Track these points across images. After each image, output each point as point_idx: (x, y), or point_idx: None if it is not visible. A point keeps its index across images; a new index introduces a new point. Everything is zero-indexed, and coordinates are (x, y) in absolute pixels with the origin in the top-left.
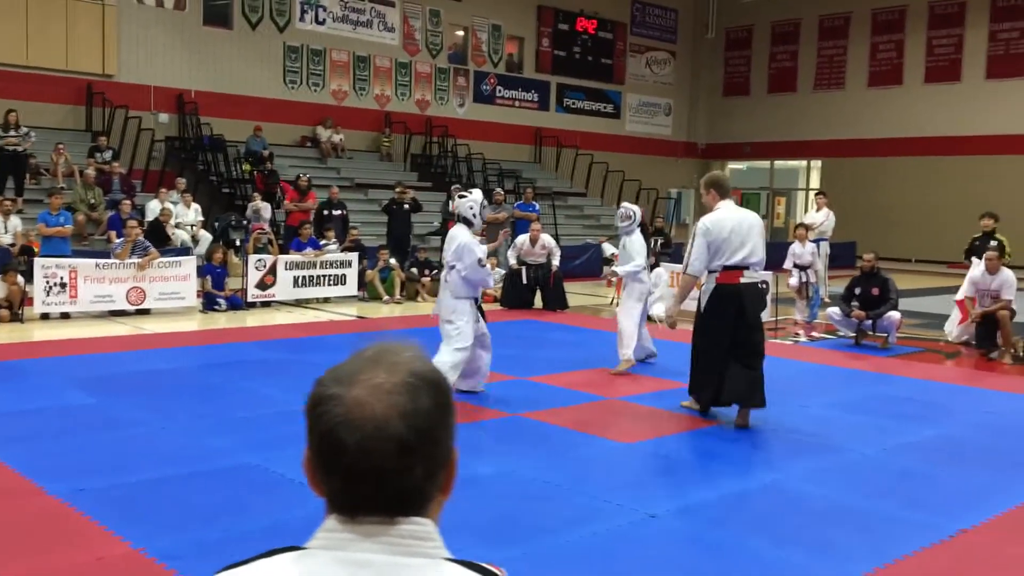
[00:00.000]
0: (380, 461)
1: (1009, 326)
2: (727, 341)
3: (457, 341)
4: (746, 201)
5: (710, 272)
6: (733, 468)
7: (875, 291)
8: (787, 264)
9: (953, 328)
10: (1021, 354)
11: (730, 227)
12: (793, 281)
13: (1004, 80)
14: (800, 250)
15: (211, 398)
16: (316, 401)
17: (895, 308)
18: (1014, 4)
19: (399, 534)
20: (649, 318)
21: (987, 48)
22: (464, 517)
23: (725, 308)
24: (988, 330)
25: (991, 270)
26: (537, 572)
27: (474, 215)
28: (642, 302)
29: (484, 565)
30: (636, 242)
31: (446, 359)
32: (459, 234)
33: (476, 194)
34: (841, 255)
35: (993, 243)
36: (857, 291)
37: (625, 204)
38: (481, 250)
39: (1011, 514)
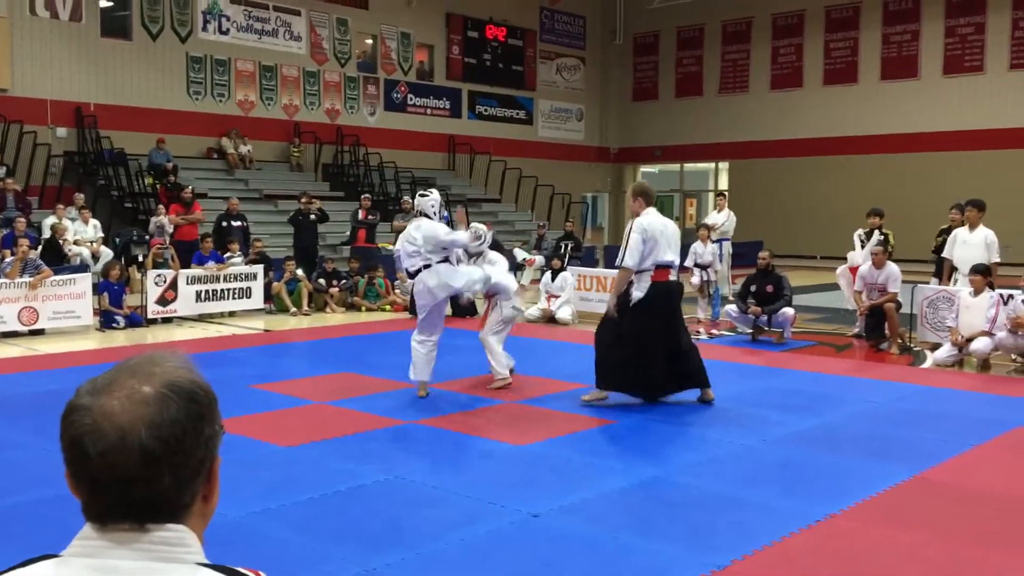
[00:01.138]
0: (124, 471)
1: (895, 318)
2: (664, 333)
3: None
4: (659, 204)
5: (643, 271)
6: (617, 465)
7: (769, 288)
8: (688, 263)
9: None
10: (908, 344)
11: (660, 230)
12: (695, 280)
13: (898, 81)
14: (701, 250)
15: None
16: (68, 410)
17: (789, 304)
18: (905, 8)
19: (150, 540)
20: (553, 319)
21: (881, 51)
22: (349, 524)
23: (661, 303)
24: (876, 322)
25: (877, 264)
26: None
27: (434, 212)
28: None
29: (240, 570)
30: (498, 256)
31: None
32: (425, 223)
33: (435, 194)
34: (747, 254)
35: (879, 238)
36: (753, 288)
37: (476, 224)
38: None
39: (878, 498)
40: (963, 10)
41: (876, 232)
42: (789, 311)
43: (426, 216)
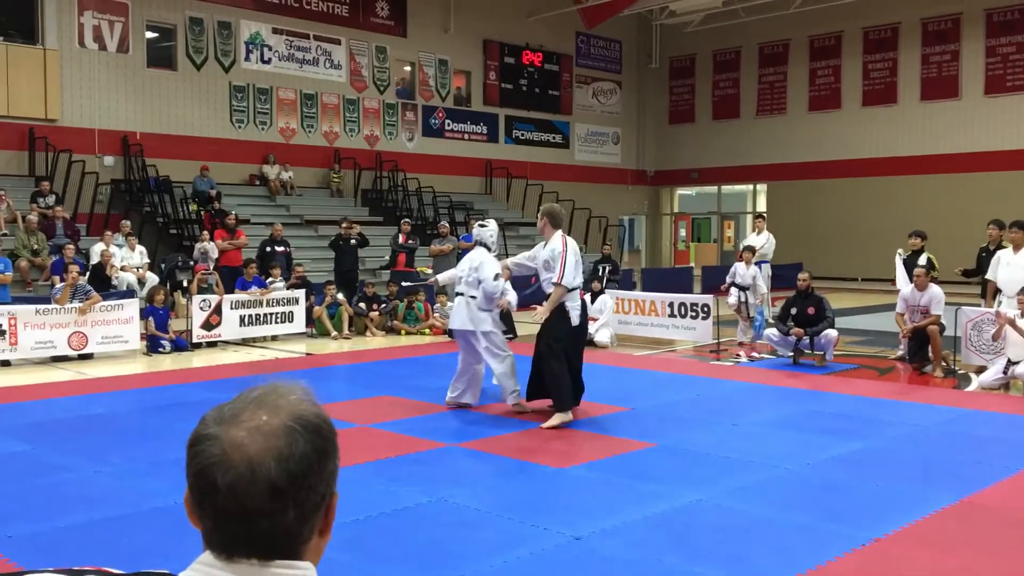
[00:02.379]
0: (250, 502)
1: (939, 340)
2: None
3: (501, 348)
4: (696, 226)
5: (573, 289)
6: (660, 489)
7: (811, 310)
8: (727, 281)
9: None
10: (952, 367)
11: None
12: (731, 300)
13: (937, 102)
14: (743, 271)
15: (147, 440)
16: (194, 440)
17: (831, 326)
18: (944, 28)
19: None
20: (592, 343)
21: (920, 71)
22: (393, 546)
23: (584, 320)
24: (919, 345)
25: (920, 287)
26: None
27: (493, 242)
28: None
29: None
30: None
31: (502, 369)
32: (480, 255)
33: (492, 225)
34: (786, 275)
35: (922, 260)
36: (793, 311)
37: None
38: (498, 266)
39: (923, 522)
40: (1005, 30)
41: (924, 254)
42: (832, 333)
43: (485, 247)
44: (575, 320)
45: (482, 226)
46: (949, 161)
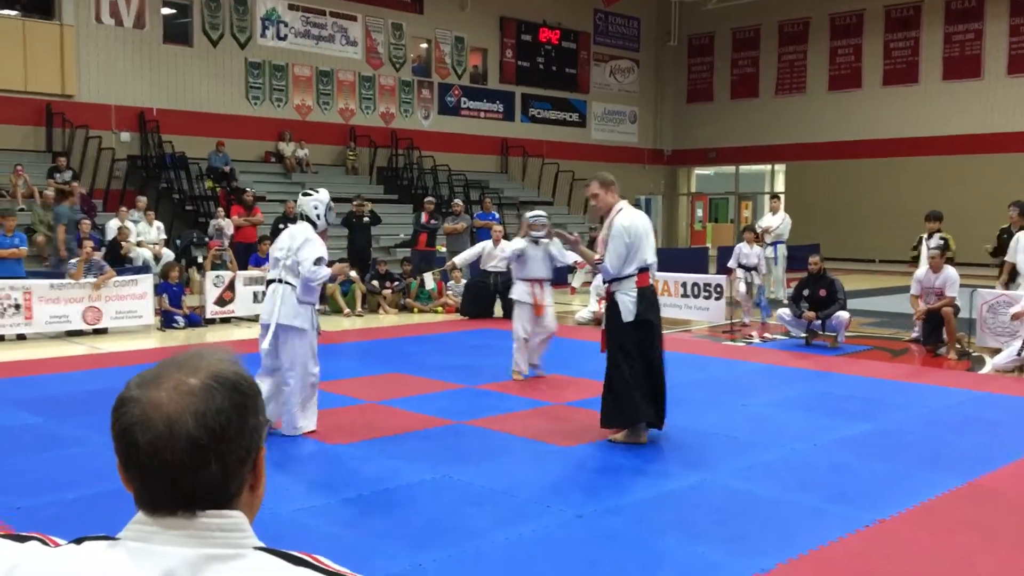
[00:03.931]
0: (171, 458)
1: (953, 322)
2: (660, 347)
3: (309, 359)
4: (713, 206)
5: (626, 277)
6: (665, 468)
7: (823, 292)
8: (731, 264)
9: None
10: (967, 349)
11: (643, 228)
12: (741, 287)
13: (959, 81)
14: (747, 251)
15: None
16: (117, 403)
17: (843, 308)
18: (967, 7)
19: (202, 527)
20: (599, 322)
21: (943, 50)
22: (395, 521)
23: (654, 311)
24: (934, 327)
25: (934, 268)
26: (460, 572)
27: (318, 215)
28: None
29: (296, 553)
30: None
31: (299, 389)
32: (303, 231)
33: (322, 194)
34: (803, 257)
35: (933, 243)
36: (806, 292)
37: (538, 212)
38: (322, 249)
39: (929, 504)
40: None
41: (936, 236)
42: (844, 315)
43: (309, 221)
44: (628, 314)
45: (306, 195)
46: (970, 142)
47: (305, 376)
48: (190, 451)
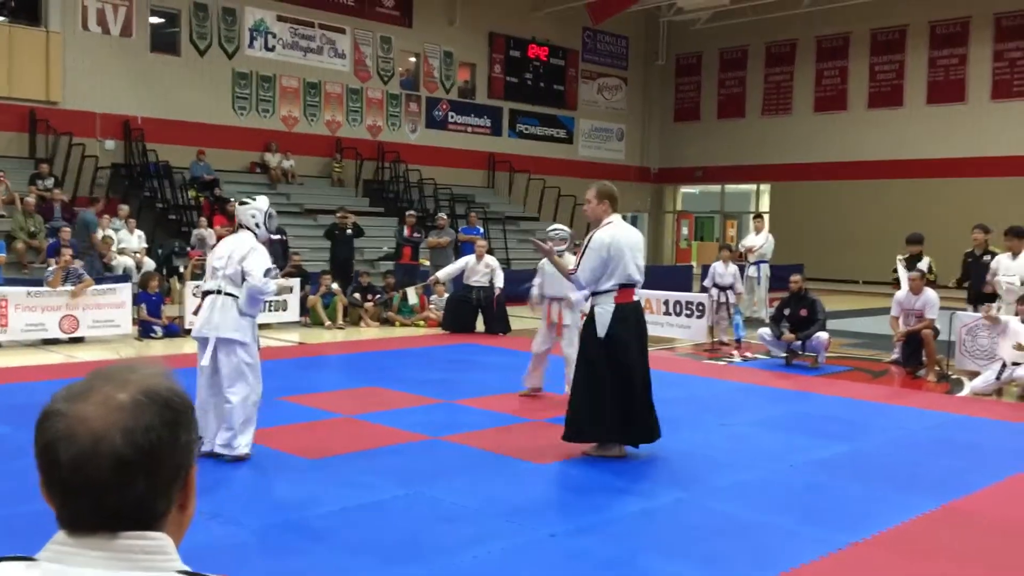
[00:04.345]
0: (95, 476)
1: (933, 344)
2: (640, 365)
3: (250, 373)
4: (699, 225)
5: (604, 292)
6: (641, 487)
7: (803, 312)
8: (707, 283)
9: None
10: (946, 372)
11: (625, 243)
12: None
13: (944, 105)
14: (722, 270)
15: None
16: (42, 417)
17: (823, 328)
18: (953, 32)
19: (124, 548)
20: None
21: (927, 74)
22: (366, 537)
23: (632, 327)
24: (913, 349)
25: (915, 290)
26: None
27: (256, 224)
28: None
29: None
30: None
31: (240, 405)
32: (247, 240)
33: (260, 201)
34: (786, 276)
35: (922, 265)
36: (787, 312)
37: (557, 225)
38: (268, 260)
39: (903, 527)
40: (1013, 35)
41: (924, 259)
42: (823, 335)
43: (249, 231)
44: (601, 329)
45: (243, 203)
46: (954, 165)
47: (246, 393)
48: (116, 469)
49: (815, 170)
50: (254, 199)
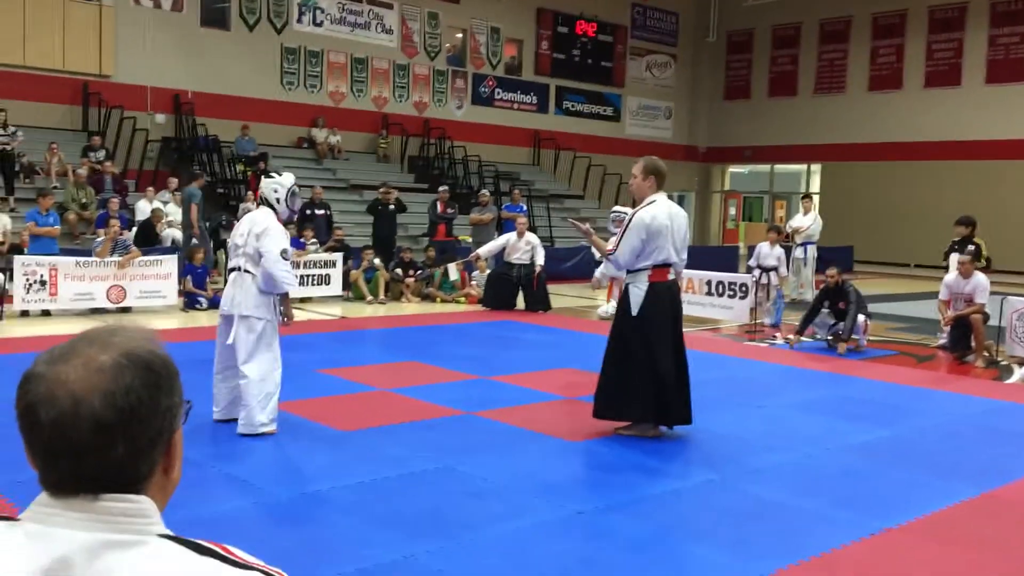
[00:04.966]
0: (76, 438)
1: (982, 330)
2: (674, 345)
3: (267, 350)
4: (748, 205)
5: (639, 270)
6: (673, 467)
7: (842, 305)
8: (751, 262)
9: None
10: (995, 358)
11: (666, 224)
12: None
13: (1004, 85)
14: (767, 251)
15: None
16: (24, 379)
17: (859, 312)
18: (1014, 9)
19: (104, 511)
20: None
21: (987, 53)
22: (394, 510)
23: (666, 308)
24: (961, 334)
25: (964, 274)
26: (452, 565)
27: (278, 199)
28: None
29: (202, 543)
30: None
31: (256, 384)
32: (263, 218)
33: (285, 178)
34: (837, 258)
35: (970, 247)
36: (826, 304)
37: (618, 207)
38: (286, 240)
39: (939, 514)
40: None
41: (969, 243)
42: (860, 318)
43: (270, 207)
44: (635, 307)
45: (267, 177)
46: (1011, 147)
47: (266, 371)
48: (96, 431)
49: (868, 150)
50: (280, 174)
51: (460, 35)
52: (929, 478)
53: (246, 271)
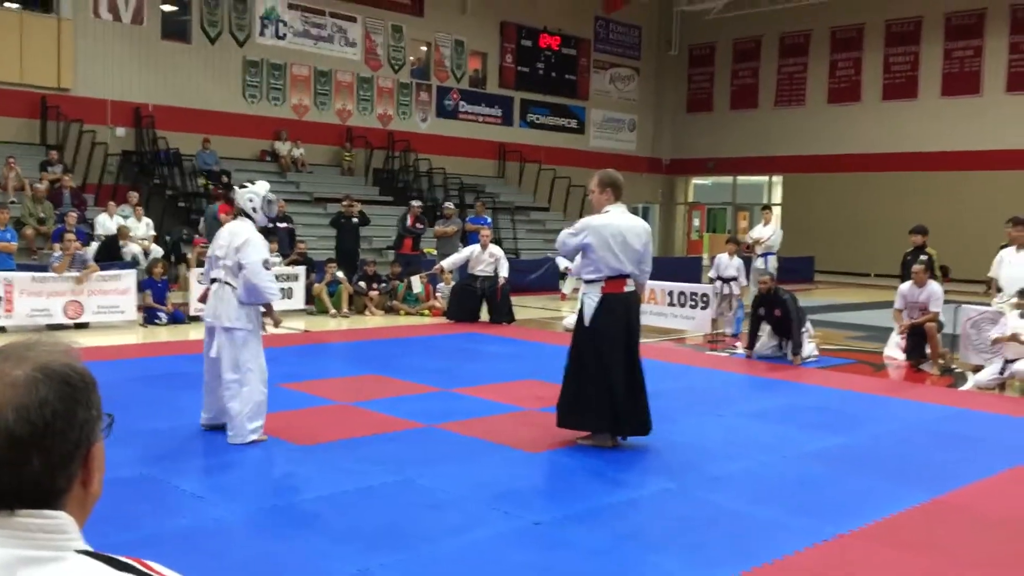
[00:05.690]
0: None
1: (936, 337)
2: (625, 355)
3: (249, 361)
4: (711, 216)
5: (592, 281)
6: (631, 476)
7: (777, 312)
8: (711, 274)
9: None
10: (950, 365)
11: (612, 234)
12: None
13: (959, 98)
14: (726, 262)
15: (129, 410)
16: None
17: (801, 325)
18: (968, 23)
19: (21, 527)
20: None
21: (943, 66)
22: (351, 524)
23: (617, 319)
24: (917, 342)
25: (918, 283)
26: None
27: (254, 209)
28: None
29: (119, 558)
30: None
31: (237, 392)
32: (243, 229)
33: (259, 186)
34: (798, 269)
35: (923, 257)
36: (761, 312)
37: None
38: (266, 250)
39: (892, 519)
40: None
41: (922, 253)
42: (803, 335)
43: (247, 217)
44: (587, 319)
45: (241, 187)
46: (968, 158)
47: (251, 380)
48: (9, 446)
49: (828, 162)
50: (253, 183)
51: (424, 48)
52: (882, 484)
53: (226, 283)
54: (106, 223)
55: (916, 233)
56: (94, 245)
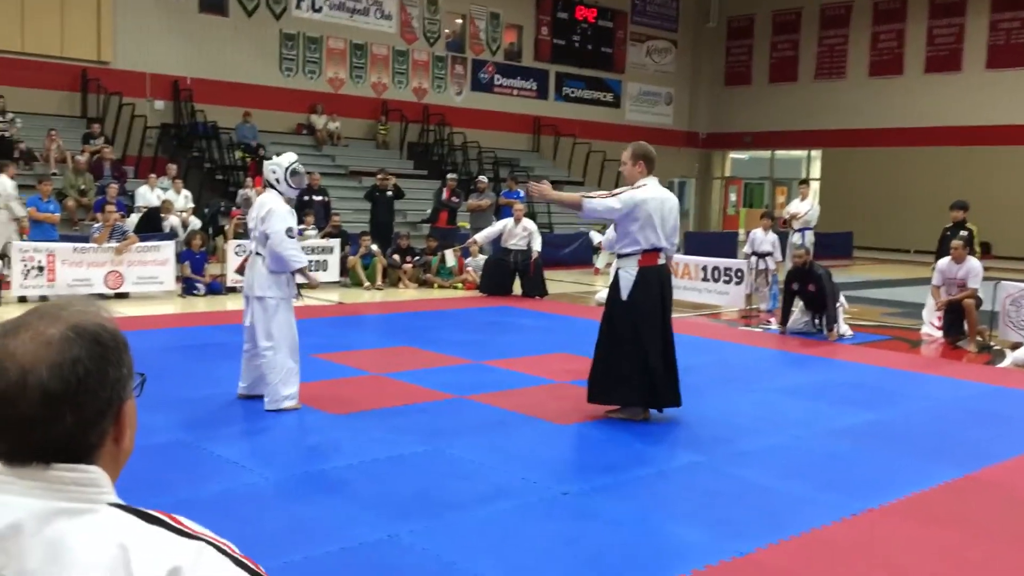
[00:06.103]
0: (25, 409)
1: (975, 314)
2: (662, 330)
3: (281, 329)
4: (748, 191)
5: (628, 255)
6: (659, 450)
7: (811, 287)
8: (746, 250)
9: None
10: (988, 342)
11: (657, 208)
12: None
13: (1004, 70)
14: (761, 237)
15: (166, 379)
16: None
17: (835, 301)
18: None
19: (56, 479)
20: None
21: (988, 38)
22: (380, 492)
23: (655, 293)
24: (955, 318)
25: (957, 259)
26: (435, 544)
27: (277, 180)
28: None
29: (151, 512)
30: None
31: (272, 358)
32: (268, 200)
33: (283, 158)
34: (836, 244)
35: (962, 233)
36: (795, 287)
37: None
38: (291, 219)
39: (921, 495)
40: None
41: (962, 228)
42: (838, 310)
43: (274, 189)
44: (624, 292)
45: (267, 160)
46: (1012, 132)
47: (283, 348)
48: (44, 403)
49: (868, 136)
50: (282, 156)
51: (459, 21)
52: (913, 460)
53: (257, 253)
54: (146, 195)
55: (956, 208)
56: (134, 217)
